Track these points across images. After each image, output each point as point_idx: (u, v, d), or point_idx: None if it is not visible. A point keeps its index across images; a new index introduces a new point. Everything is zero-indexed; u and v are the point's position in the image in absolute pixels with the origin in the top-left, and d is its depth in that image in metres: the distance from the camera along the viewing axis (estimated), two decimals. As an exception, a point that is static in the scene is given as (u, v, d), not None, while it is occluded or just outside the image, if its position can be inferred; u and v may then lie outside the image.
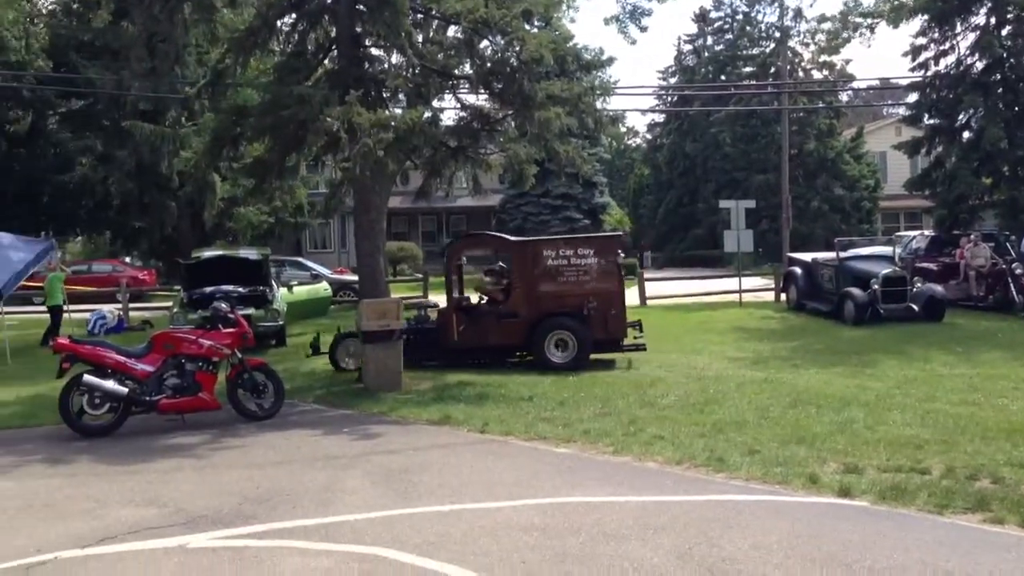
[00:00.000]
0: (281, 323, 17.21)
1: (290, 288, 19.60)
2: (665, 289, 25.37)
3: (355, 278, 27.05)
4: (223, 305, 10.68)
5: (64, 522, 6.42)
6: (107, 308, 20.77)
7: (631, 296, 26.19)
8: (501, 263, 15.12)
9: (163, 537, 5.98)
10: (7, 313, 19.79)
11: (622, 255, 14.68)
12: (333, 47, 14.07)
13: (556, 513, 6.29)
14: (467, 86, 14.45)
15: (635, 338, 14.16)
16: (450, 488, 7.08)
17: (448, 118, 15.17)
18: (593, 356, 13.61)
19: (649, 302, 23.80)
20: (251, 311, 15.73)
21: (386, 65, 14.13)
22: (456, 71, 13.91)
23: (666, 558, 5.33)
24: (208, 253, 18.73)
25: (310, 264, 29.31)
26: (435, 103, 14.65)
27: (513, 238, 15.54)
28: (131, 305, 23.85)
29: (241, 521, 6.31)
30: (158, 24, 14.08)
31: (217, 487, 7.31)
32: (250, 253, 18.59)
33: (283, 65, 13.88)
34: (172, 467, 8.17)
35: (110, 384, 9.64)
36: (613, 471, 7.58)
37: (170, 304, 20.71)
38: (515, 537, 5.77)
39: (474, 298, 14.95)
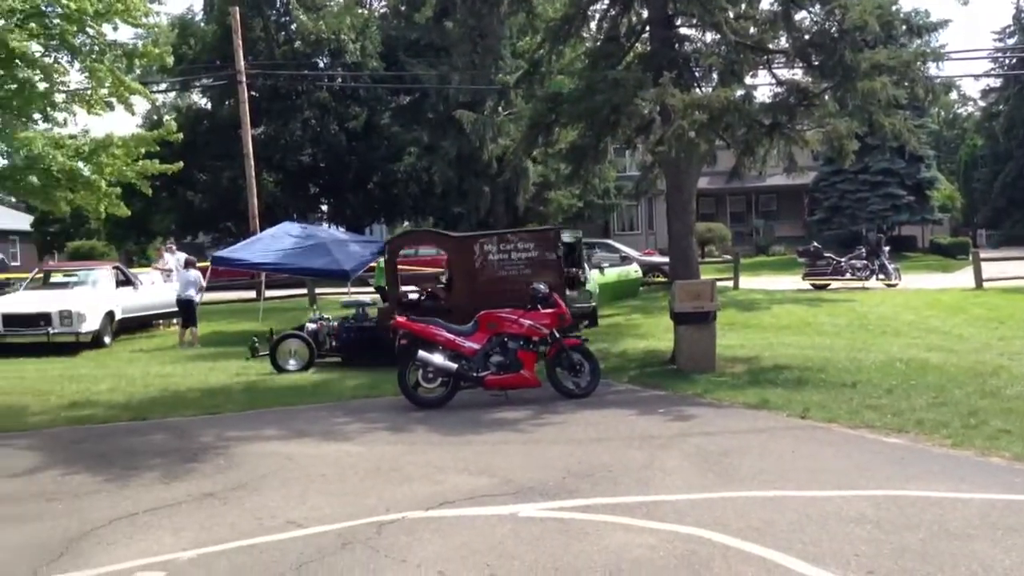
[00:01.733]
0: (594, 304, 17.58)
1: (602, 270, 19.98)
2: (1006, 270, 23.15)
3: (663, 260, 27.11)
4: (542, 286, 11.09)
5: (408, 485, 7.00)
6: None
7: (966, 278, 24.29)
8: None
9: (495, 505, 6.35)
10: (352, 293, 21.81)
11: (561, 249, 13.94)
12: (645, 30, 14.12)
13: (890, 506, 5.97)
14: (782, 60, 13.96)
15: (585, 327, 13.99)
16: (772, 474, 6.93)
17: (762, 94, 14.77)
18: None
19: (986, 284, 21.84)
20: (565, 292, 16.13)
21: (698, 44, 13.98)
22: (771, 45, 13.49)
23: (1020, 561, 4.90)
24: (524, 237, 19.47)
25: (619, 246, 29.68)
26: (748, 80, 14.31)
27: (452, 234, 15.47)
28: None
29: (566, 494, 6.56)
30: (480, 19, 14.80)
31: (542, 461, 7.64)
32: (564, 236, 19.11)
33: (596, 51, 14.14)
34: (499, 440, 8.63)
35: (441, 360, 10.36)
36: (953, 465, 7.07)
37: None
38: (846, 528, 5.55)
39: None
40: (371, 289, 20.72)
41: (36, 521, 6.38)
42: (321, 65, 41.62)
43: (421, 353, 10.39)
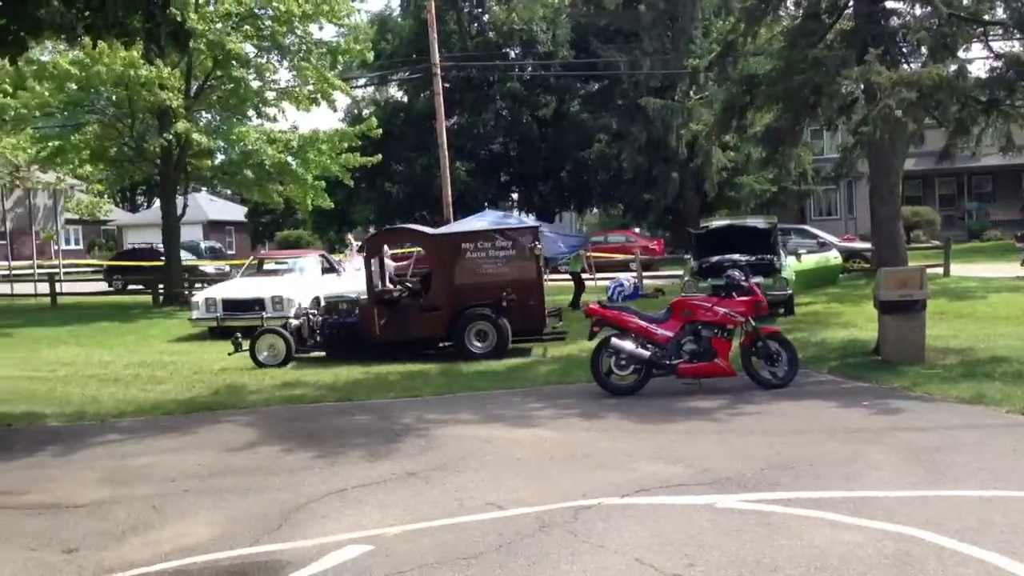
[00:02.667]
0: (789, 292, 17.06)
1: (798, 256, 19.31)
2: None
3: (864, 246, 25.92)
4: (737, 273, 10.83)
5: (603, 472, 7.02)
6: (624, 276, 22.19)
7: None
8: None
9: (692, 494, 6.27)
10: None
11: (539, 246, 14.02)
12: (848, 5, 13.49)
13: None
14: (999, 32, 13.03)
15: (554, 328, 14.50)
16: (991, 472, 6.51)
17: (976, 69, 13.81)
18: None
19: None
20: (759, 279, 15.75)
21: (906, 18, 13.23)
22: (986, 16, 12.59)
23: None
24: (717, 223, 19.16)
25: (816, 232, 28.59)
26: (961, 54, 13.42)
27: (431, 231, 15.61)
28: (643, 273, 25.20)
29: (765, 487, 6.39)
30: (672, 2, 14.58)
31: (738, 451, 7.48)
32: (758, 222, 18.67)
33: (795, 29, 13.62)
34: (693, 429, 8.52)
35: (634, 347, 10.31)
36: None
37: (680, 272, 21.59)
38: (1077, 535, 5.14)
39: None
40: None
41: (257, 493, 6.82)
42: (512, 55, 42.28)
43: (614, 340, 10.38)
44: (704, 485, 6.50)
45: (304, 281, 19.30)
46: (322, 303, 15.91)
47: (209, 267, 33.19)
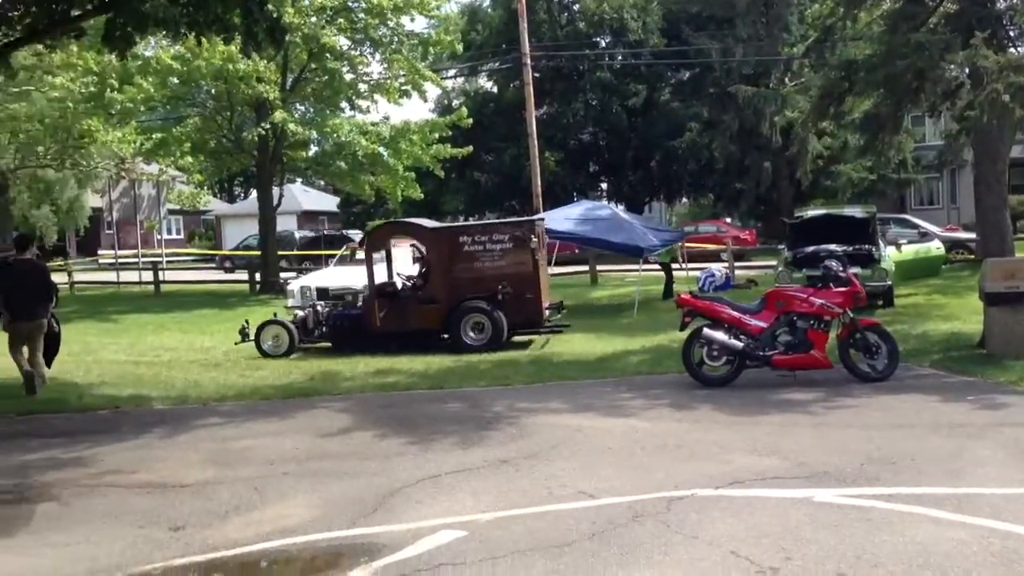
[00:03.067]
0: (888, 283, 16.60)
1: (898, 247, 18.78)
2: None
3: (968, 236, 25.07)
4: (835, 264, 10.58)
5: (695, 463, 6.96)
6: (715, 267, 21.89)
7: None
8: None
9: (788, 488, 6.17)
10: (635, 271, 22.03)
11: (535, 240, 14.10)
12: (953, -13, 13.06)
13: None
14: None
15: (548, 320, 14.57)
16: (1106, 472, 6.24)
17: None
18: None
19: None
20: (857, 270, 15.37)
21: (1014, 0, 12.74)
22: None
23: None
24: (813, 212, 18.77)
25: (917, 221, 27.75)
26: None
27: (430, 225, 15.67)
28: (735, 264, 24.82)
29: (864, 481, 6.25)
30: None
31: (835, 445, 7.32)
32: (855, 211, 18.19)
33: (896, 12, 13.24)
34: (788, 421, 8.37)
35: (726, 338, 10.17)
36: None
37: (773, 263, 21.20)
38: None
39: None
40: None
41: (353, 477, 6.96)
42: (603, 44, 42.05)
43: (706, 331, 10.26)
44: (801, 479, 6.39)
45: (396, 270, 19.54)
46: (329, 294, 16.48)
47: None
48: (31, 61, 22.19)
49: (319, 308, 15.15)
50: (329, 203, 58.62)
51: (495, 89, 44.17)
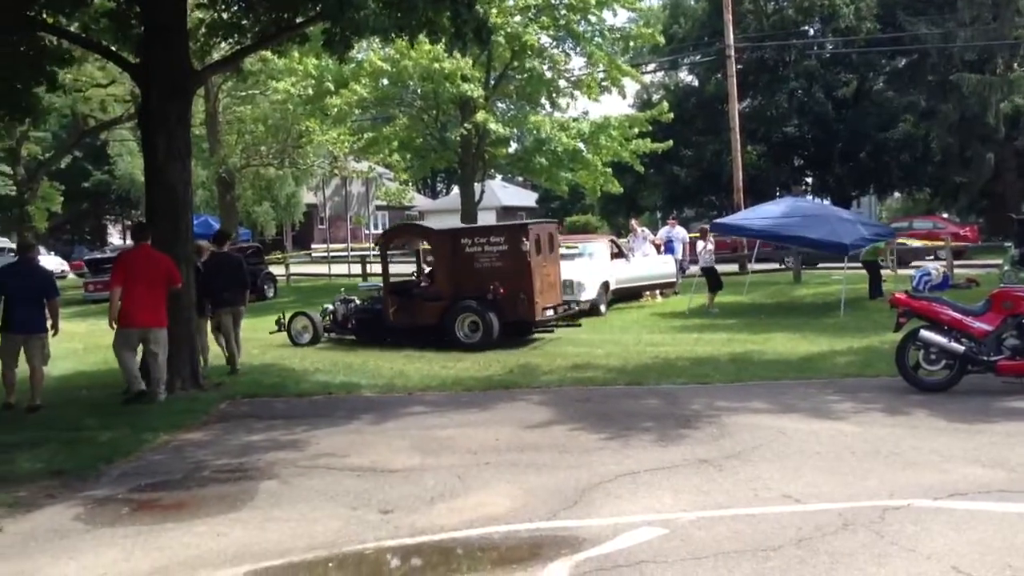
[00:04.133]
0: None
1: None
2: None
3: None
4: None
5: (911, 471, 6.59)
6: (931, 265, 20.64)
7: None
8: None
9: (1015, 502, 5.74)
10: (838, 268, 21.14)
11: (526, 243, 14.47)
12: None
13: None
14: None
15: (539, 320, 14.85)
16: None
17: None
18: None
19: None
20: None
21: None
22: None
23: None
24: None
25: None
26: None
27: (435, 227, 16.69)
28: (953, 262, 23.32)
29: (1106, 500, 5.73)
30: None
31: (1071, 459, 6.75)
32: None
33: None
34: (1015, 431, 7.77)
35: (946, 341, 9.57)
36: None
37: (997, 261, 19.77)
38: None
39: None
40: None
41: (552, 470, 7.04)
42: (811, 32, 40.51)
43: (923, 333, 9.69)
44: (1030, 493, 5.93)
45: (593, 265, 19.61)
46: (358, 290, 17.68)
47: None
48: (257, 66, 23.77)
49: (349, 303, 16.18)
50: (527, 199, 59.60)
51: (696, 82, 43.42)
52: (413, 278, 16.25)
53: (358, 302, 16.26)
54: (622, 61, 25.48)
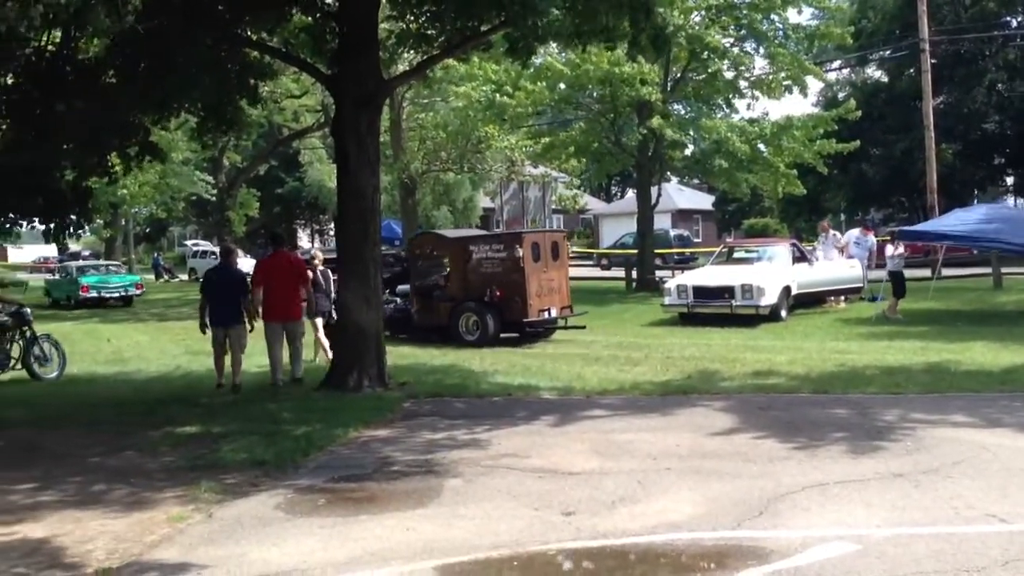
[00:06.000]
0: None
1: None
2: None
3: None
4: None
5: None
6: None
7: None
8: None
9: None
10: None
11: (520, 250, 15.85)
12: None
13: None
14: None
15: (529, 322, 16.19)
16: None
17: None
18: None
19: None
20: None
21: None
22: None
23: None
24: None
25: None
26: None
27: (450, 235, 18.78)
28: None
29: None
30: None
31: None
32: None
33: None
34: None
35: None
36: None
37: None
38: None
39: None
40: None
41: (736, 478, 6.90)
42: (1014, 24, 37.99)
43: None
44: None
45: (774, 270, 19.11)
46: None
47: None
48: (439, 74, 24.47)
49: (390, 304, 16.80)
50: (703, 201, 58.57)
51: (886, 78, 41.47)
52: (440, 282, 17.37)
53: (398, 302, 17.46)
54: (806, 60, 24.64)
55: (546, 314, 16.38)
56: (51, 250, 63.67)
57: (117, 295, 29.83)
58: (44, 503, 6.96)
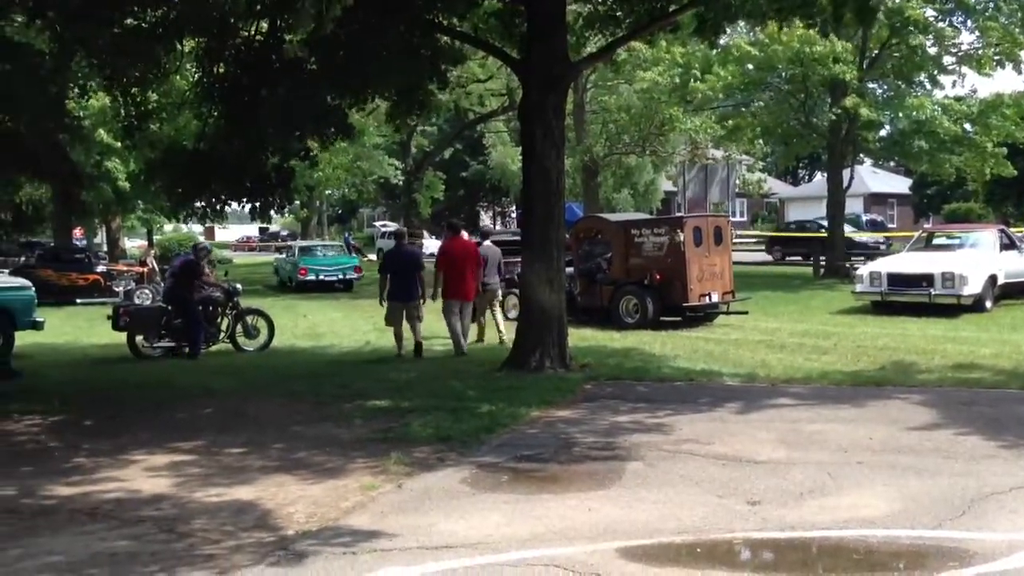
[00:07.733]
0: None
1: None
2: None
3: None
4: None
5: None
6: None
7: None
8: None
9: None
10: None
11: (681, 234, 15.92)
12: None
13: None
14: None
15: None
16: None
17: None
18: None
19: None
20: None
21: None
22: None
23: None
24: None
25: None
26: None
27: (613, 219, 19.06)
28: None
29: None
30: None
31: None
32: None
33: None
34: None
35: None
36: None
37: None
38: None
39: None
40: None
41: (935, 476, 6.55)
42: None
43: None
44: None
45: (979, 257, 17.95)
46: None
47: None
48: (623, 56, 24.33)
49: None
50: (899, 185, 55.71)
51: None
52: (603, 265, 17.26)
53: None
54: (1019, 33, 22.92)
55: (707, 299, 16.38)
56: (252, 230, 67.49)
57: (335, 278, 28.44)
58: (251, 466, 7.44)
